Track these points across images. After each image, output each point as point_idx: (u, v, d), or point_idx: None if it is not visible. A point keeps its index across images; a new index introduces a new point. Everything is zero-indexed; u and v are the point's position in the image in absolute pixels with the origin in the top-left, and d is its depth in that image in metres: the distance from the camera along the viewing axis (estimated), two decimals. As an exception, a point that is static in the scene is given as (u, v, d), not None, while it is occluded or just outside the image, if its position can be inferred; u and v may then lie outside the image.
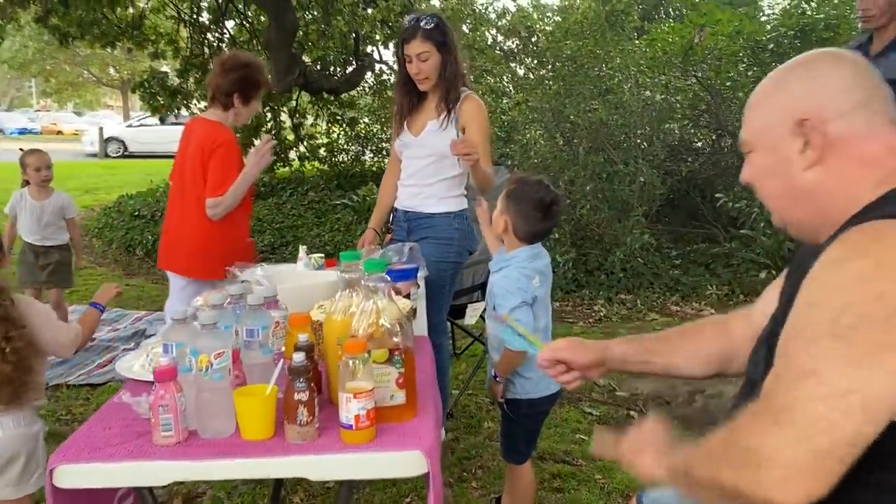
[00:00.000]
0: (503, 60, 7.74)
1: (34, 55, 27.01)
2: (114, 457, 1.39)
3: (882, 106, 1.08)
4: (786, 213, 1.15)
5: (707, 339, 1.42)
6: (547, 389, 2.35)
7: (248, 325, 1.58)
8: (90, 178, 14.60)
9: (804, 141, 1.08)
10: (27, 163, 4.35)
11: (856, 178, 1.06)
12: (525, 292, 2.24)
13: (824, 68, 1.11)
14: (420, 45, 2.87)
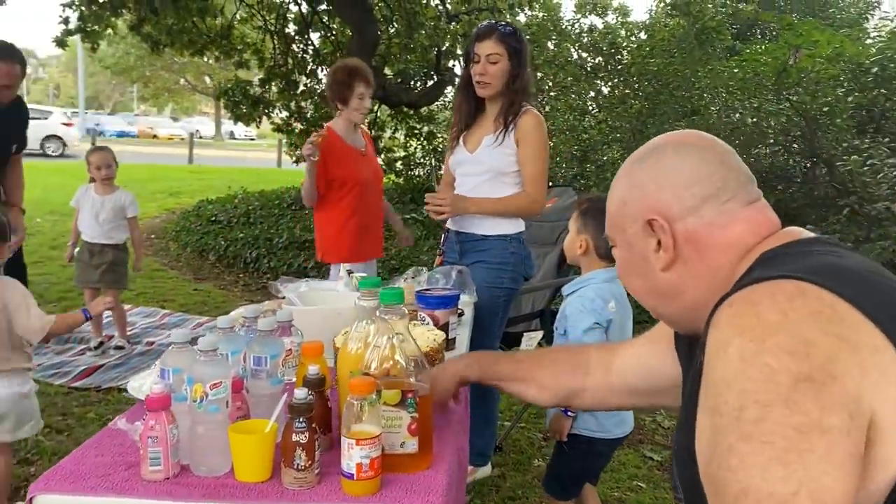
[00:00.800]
0: (584, 78, 7.51)
1: (135, 62, 28.38)
2: (96, 489, 1.27)
3: (735, 190, 1.03)
4: (658, 309, 1.11)
5: (561, 373, 1.47)
6: (610, 433, 2.20)
7: (255, 352, 1.45)
8: (176, 181, 15.10)
9: (656, 241, 1.04)
10: (91, 161, 4.42)
11: (719, 265, 1.01)
12: (599, 314, 2.13)
13: (668, 162, 1.05)
14: (492, 46, 2.75)
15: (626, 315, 2.26)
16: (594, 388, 1.43)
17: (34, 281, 6.23)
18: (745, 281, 0.92)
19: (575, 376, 1.45)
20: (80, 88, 36.77)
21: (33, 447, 3.15)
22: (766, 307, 0.84)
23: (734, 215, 1.02)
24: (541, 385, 1.47)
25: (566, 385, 1.45)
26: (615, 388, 1.41)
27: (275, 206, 9.92)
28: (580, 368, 1.45)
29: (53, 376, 4.03)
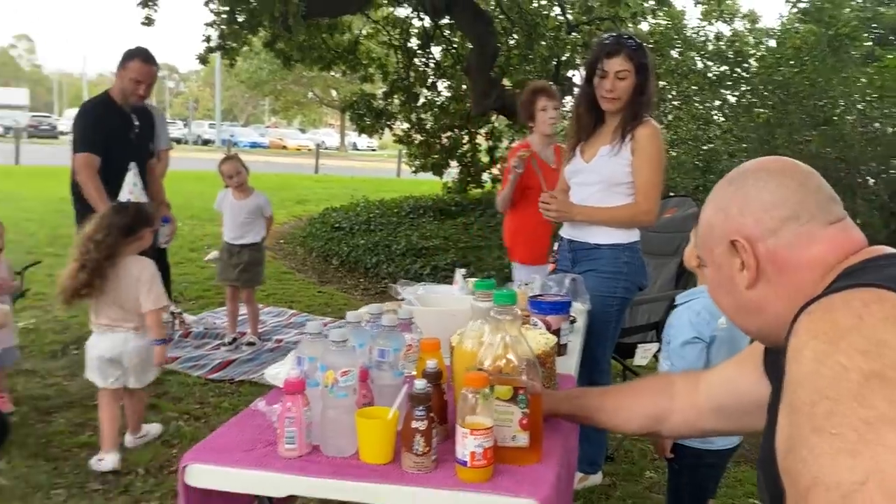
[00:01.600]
0: (708, 87, 7.32)
1: (268, 76, 29.98)
2: (240, 462, 1.43)
3: (814, 212, 1.07)
4: (745, 325, 1.17)
5: (647, 398, 1.52)
6: (714, 444, 2.17)
7: (380, 345, 1.57)
8: (304, 190, 15.84)
9: (740, 260, 1.10)
10: (222, 170, 4.78)
11: (801, 282, 1.05)
12: (702, 328, 2.10)
13: (751, 186, 1.11)
14: (621, 63, 2.77)
15: (741, 333, 2.22)
16: (681, 411, 1.46)
17: (175, 280, 6.76)
18: (826, 292, 0.95)
19: (661, 400, 1.49)
20: (216, 102, 39.23)
21: (174, 432, 3.43)
22: (842, 312, 0.88)
23: (814, 236, 1.06)
24: (629, 411, 1.52)
25: (653, 410, 1.49)
26: (702, 410, 1.44)
27: (394, 214, 10.25)
28: (666, 392, 1.49)
29: (192, 368, 4.37)
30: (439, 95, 11.64)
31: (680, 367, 2.10)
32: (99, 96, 4.27)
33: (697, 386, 1.45)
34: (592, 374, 2.97)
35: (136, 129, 4.20)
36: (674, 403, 1.47)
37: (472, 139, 11.69)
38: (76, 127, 4.14)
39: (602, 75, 2.79)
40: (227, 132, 38.84)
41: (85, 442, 3.27)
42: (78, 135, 4.08)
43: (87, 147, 3.98)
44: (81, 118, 4.15)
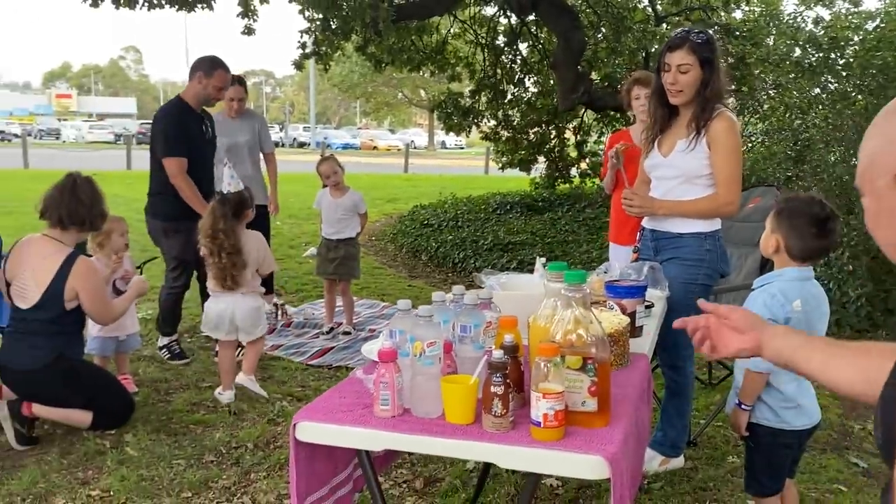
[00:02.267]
0: (802, 75, 7.14)
1: (359, 79, 30.78)
2: (342, 421, 1.63)
3: None
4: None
5: (874, 360, 1.29)
6: (789, 424, 2.22)
7: (462, 321, 1.74)
8: (394, 189, 16.26)
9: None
10: (320, 171, 5.10)
11: None
12: (777, 311, 2.16)
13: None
14: (683, 57, 2.81)
15: (817, 316, 2.25)
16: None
17: (277, 276, 7.16)
18: None
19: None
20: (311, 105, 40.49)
21: (279, 411, 3.72)
22: None
23: None
24: (855, 371, 1.32)
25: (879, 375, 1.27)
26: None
27: (481, 210, 10.42)
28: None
29: (293, 354, 4.68)
30: (526, 91, 11.73)
31: None
32: (175, 101, 4.55)
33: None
34: (675, 359, 3.05)
35: (211, 131, 4.60)
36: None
37: (559, 134, 11.72)
38: (161, 132, 4.40)
39: (666, 69, 2.85)
40: (321, 135, 40.09)
41: (200, 420, 3.60)
42: (165, 139, 4.36)
43: (177, 151, 4.32)
44: (166, 123, 4.41)
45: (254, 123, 5.21)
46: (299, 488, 1.71)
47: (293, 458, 1.68)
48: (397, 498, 2.88)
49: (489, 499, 2.84)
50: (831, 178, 5.75)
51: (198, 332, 4.77)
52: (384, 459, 2.12)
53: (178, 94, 4.62)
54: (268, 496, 2.88)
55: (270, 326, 5.27)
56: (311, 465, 1.75)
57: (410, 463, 3.17)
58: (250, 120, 5.20)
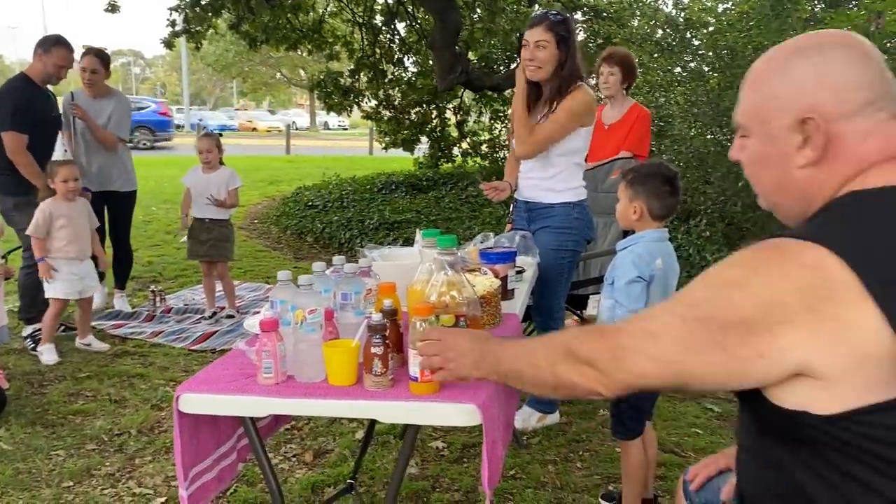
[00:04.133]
0: (661, 54, 7.58)
1: (234, 58, 29.80)
2: (224, 391, 1.67)
3: (888, 101, 1.05)
4: (778, 205, 1.18)
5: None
6: None
7: (343, 289, 1.82)
8: (276, 171, 15.97)
9: (804, 138, 1.07)
10: (197, 145, 4.97)
11: (845, 176, 1.07)
12: (643, 269, 2.34)
13: (836, 60, 1.06)
14: (541, 34, 2.96)
15: (672, 273, 2.47)
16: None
17: (154, 261, 6.95)
18: (803, 229, 1.05)
19: None
20: (184, 86, 38.83)
21: (163, 397, 3.66)
22: (778, 264, 1.00)
23: (877, 126, 1.05)
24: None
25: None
26: None
27: (366, 190, 10.45)
28: None
29: (175, 341, 4.59)
30: (406, 71, 11.80)
31: (625, 303, 2.35)
32: (20, 77, 4.49)
33: None
34: (548, 321, 3.25)
35: (57, 108, 4.59)
36: None
37: (440, 114, 11.88)
38: (1, 108, 4.26)
39: (525, 44, 3.00)
40: (196, 116, 38.54)
41: (79, 409, 3.50)
42: (5, 115, 4.24)
43: (16, 126, 4.24)
44: (7, 99, 4.30)
45: (114, 106, 4.96)
46: (184, 460, 1.74)
47: (177, 431, 1.71)
48: (287, 472, 2.93)
49: (377, 465, 2.95)
50: (689, 150, 6.18)
51: (71, 319, 4.59)
52: (269, 428, 2.16)
53: (22, 71, 4.55)
54: (154, 479, 2.86)
55: (149, 314, 5.14)
56: (196, 437, 1.79)
57: (300, 438, 3.23)
58: (111, 102, 4.96)
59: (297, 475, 2.90)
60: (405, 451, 1.66)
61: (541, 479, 2.85)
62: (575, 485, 2.81)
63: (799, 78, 1.08)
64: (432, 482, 2.83)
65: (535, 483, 2.82)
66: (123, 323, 4.94)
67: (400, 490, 2.66)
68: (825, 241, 0.98)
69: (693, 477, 1.58)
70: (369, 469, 2.91)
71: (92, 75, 4.83)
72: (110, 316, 5.07)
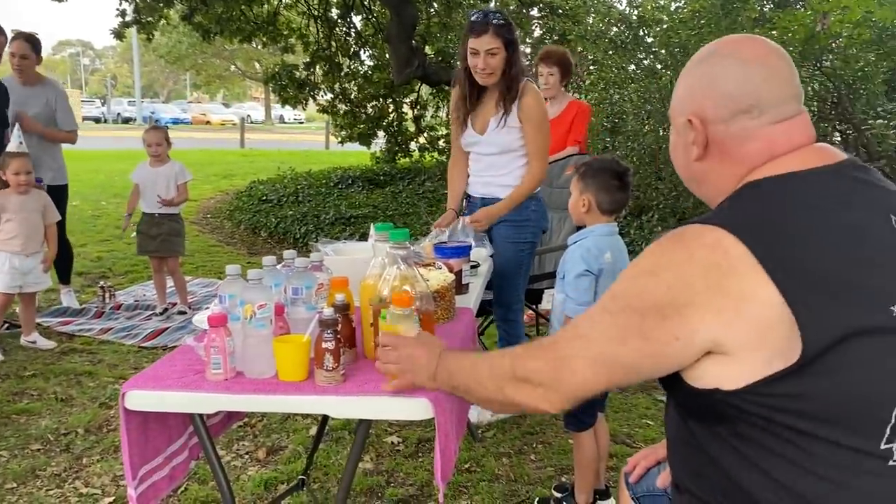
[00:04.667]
0: (614, 51, 7.67)
1: (187, 50, 29.24)
2: (172, 387, 1.64)
3: (768, 109, 1.16)
4: (690, 187, 1.32)
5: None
6: None
7: (293, 283, 1.80)
8: (229, 164, 15.73)
9: (693, 135, 1.22)
10: (144, 138, 4.85)
11: (733, 174, 1.19)
12: (591, 262, 2.36)
13: (720, 68, 1.19)
14: (491, 41, 2.95)
15: (622, 267, 2.50)
16: None
17: (104, 257, 6.79)
18: (707, 214, 1.14)
19: None
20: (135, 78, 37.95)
21: (111, 395, 3.58)
22: (682, 247, 1.08)
23: (756, 133, 1.17)
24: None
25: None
26: None
27: (322, 185, 10.36)
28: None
29: (125, 337, 4.49)
30: (362, 65, 11.72)
31: (574, 297, 2.38)
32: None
33: None
34: (507, 314, 3.27)
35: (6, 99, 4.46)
36: None
37: (397, 108, 11.84)
38: None
39: (473, 53, 2.98)
40: (148, 109, 37.73)
41: (24, 409, 3.40)
42: None
43: None
44: None
45: (47, 95, 4.77)
46: (132, 459, 1.70)
47: (124, 429, 1.67)
48: (239, 469, 2.90)
49: (331, 461, 2.93)
50: (641, 146, 6.27)
51: (15, 316, 4.46)
52: (221, 425, 2.13)
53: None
54: (102, 479, 2.80)
55: (98, 310, 5.02)
56: (144, 435, 1.75)
57: (253, 434, 3.19)
58: (44, 90, 4.77)
59: (249, 472, 2.87)
60: (357, 446, 1.65)
61: (495, 472, 2.87)
62: (529, 477, 2.84)
63: (692, 83, 1.24)
64: (387, 477, 2.83)
65: (489, 476, 2.83)
66: (71, 320, 4.81)
67: (354, 485, 2.67)
68: (721, 222, 1.07)
69: (632, 468, 1.61)
70: (323, 465, 2.89)
71: (21, 61, 4.64)
72: (57, 312, 4.94)
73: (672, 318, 1.06)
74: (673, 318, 1.06)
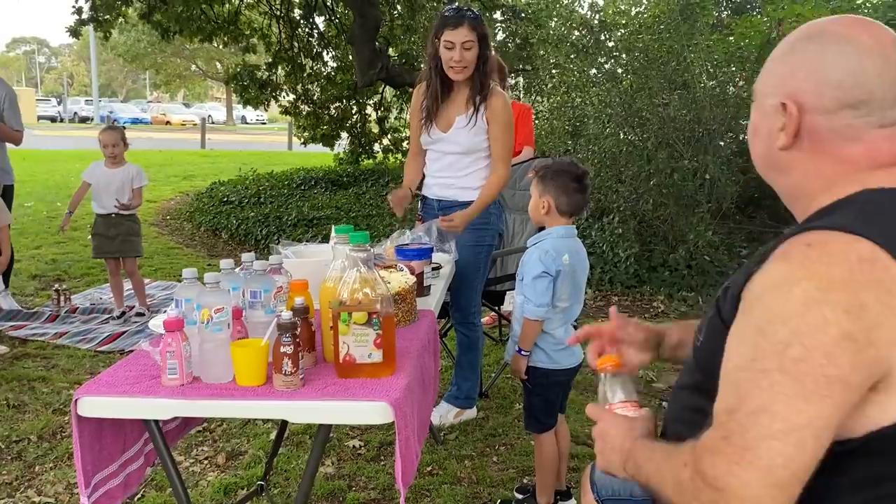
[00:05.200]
0: (576, 56, 7.74)
1: (146, 49, 28.74)
2: (127, 393, 1.61)
3: (876, 108, 1.04)
4: (767, 176, 1.19)
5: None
6: (564, 363, 2.48)
7: (252, 287, 1.78)
8: (190, 165, 15.49)
9: (783, 122, 1.09)
10: (100, 139, 4.76)
11: (828, 175, 1.07)
12: (549, 264, 2.38)
13: (832, 52, 1.05)
14: (467, 34, 2.94)
15: (581, 269, 2.52)
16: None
17: (59, 259, 6.64)
18: (829, 223, 0.99)
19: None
20: (93, 77, 37.18)
21: (66, 400, 3.50)
22: (839, 262, 0.93)
23: (861, 133, 1.04)
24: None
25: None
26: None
27: (284, 186, 10.26)
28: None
29: (80, 342, 4.39)
30: (325, 66, 11.65)
31: (532, 298, 2.39)
32: None
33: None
34: (466, 316, 3.27)
35: None
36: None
37: (361, 110, 11.79)
38: None
39: (449, 46, 2.96)
40: (106, 108, 36.98)
41: (-28, 416, 3.31)
42: None
43: None
44: None
45: None
46: (85, 466, 1.66)
47: (76, 436, 1.63)
48: (199, 475, 2.85)
49: (292, 465, 2.90)
50: (602, 149, 6.33)
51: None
52: (178, 431, 2.10)
53: None
54: (56, 487, 2.73)
55: (53, 314, 4.90)
56: (99, 442, 1.71)
57: (212, 440, 3.14)
58: None
59: (209, 478, 2.82)
60: (316, 450, 1.64)
61: (457, 475, 2.86)
62: (491, 479, 2.84)
63: (794, 63, 1.09)
64: (349, 481, 2.81)
65: (451, 479, 2.83)
66: (24, 324, 4.69)
67: (315, 490, 2.65)
68: (865, 233, 0.95)
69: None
70: (284, 470, 2.86)
71: None
72: (8, 316, 4.81)
73: (863, 349, 0.91)
74: (864, 348, 0.91)
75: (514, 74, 9.76)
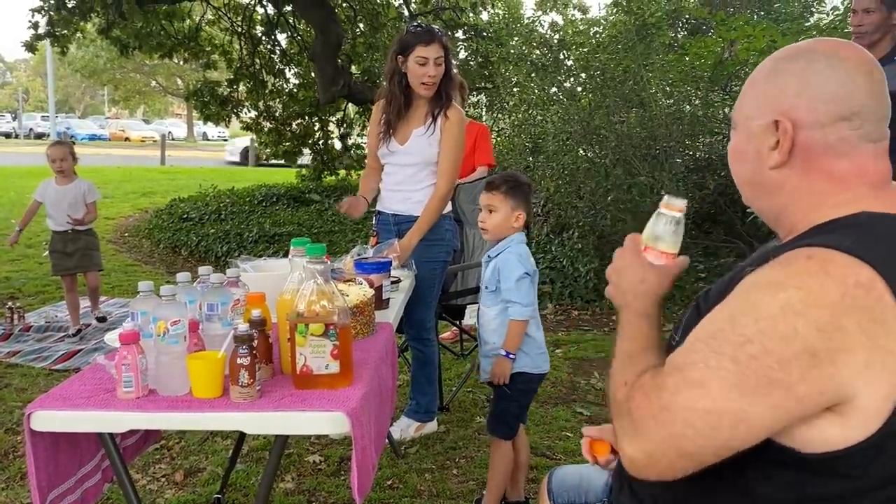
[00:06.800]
0: (536, 73, 7.88)
1: (105, 64, 28.34)
2: (81, 406, 1.60)
3: (867, 122, 1.05)
4: (751, 200, 1.18)
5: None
6: (544, 367, 2.56)
7: (209, 300, 1.78)
8: (149, 182, 15.29)
9: (776, 140, 1.08)
10: (48, 154, 4.72)
11: (820, 192, 1.07)
12: (527, 265, 2.47)
13: (821, 69, 1.06)
14: (438, 50, 2.97)
15: (535, 273, 2.60)
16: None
17: (12, 277, 6.50)
18: (829, 241, 0.98)
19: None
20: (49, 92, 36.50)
21: (18, 420, 3.43)
22: (835, 283, 0.93)
23: (852, 148, 1.05)
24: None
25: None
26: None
27: (245, 202, 10.20)
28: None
29: (34, 360, 4.31)
30: (287, 83, 11.64)
31: (518, 300, 2.43)
32: None
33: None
34: (420, 332, 3.28)
35: None
36: None
37: (323, 127, 11.79)
38: None
39: (422, 62, 2.98)
40: (63, 125, 36.31)
41: (-80, 437, 3.22)
42: None
43: None
44: None
45: None
46: (40, 482, 1.64)
47: (30, 452, 1.61)
48: (156, 492, 2.82)
49: (251, 481, 2.89)
50: (561, 166, 6.43)
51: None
52: (136, 447, 2.08)
53: None
54: (7, 508, 2.68)
55: (6, 332, 4.81)
56: (54, 458, 1.69)
57: (170, 457, 3.11)
58: None
59: (166, 495, 2.79)
60: (272, 462, 1.65)
61: (417, 488, 2.88)
62: (451, 492, 2.86)
63: (782, 82, 1.09)
64: (308, 496, 2.80)
65: (411, 492, 2.84)
66: (-25, 343, 4.59)
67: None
68: (869, 259, 0.94)
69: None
70: (242, 486, 2.85)
71: None
72: (-40, 336, 4.70)
73: (821, 366, 0.91)
74: (823, 366, 0.91)
75: (476, 92, 9.86)
